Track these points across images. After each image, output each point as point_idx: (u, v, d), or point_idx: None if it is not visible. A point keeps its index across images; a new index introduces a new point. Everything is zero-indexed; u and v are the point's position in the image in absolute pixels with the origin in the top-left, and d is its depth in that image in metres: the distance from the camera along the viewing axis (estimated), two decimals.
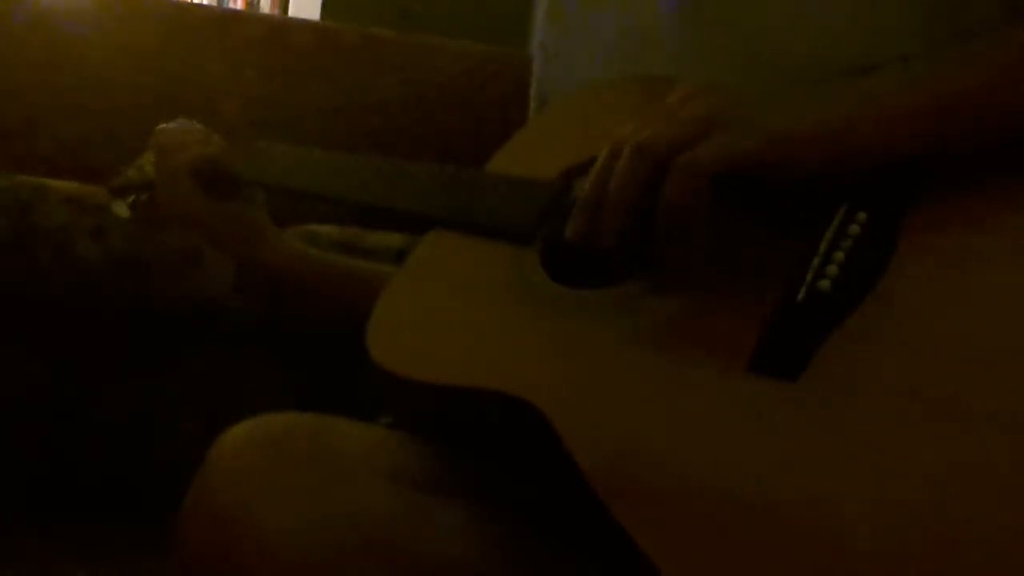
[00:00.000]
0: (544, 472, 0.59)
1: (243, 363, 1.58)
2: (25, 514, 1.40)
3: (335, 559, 0.56)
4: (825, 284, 0.57)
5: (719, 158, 0.60)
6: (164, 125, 1.01)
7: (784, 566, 0.47)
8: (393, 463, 0.63)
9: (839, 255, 0.58)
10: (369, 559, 0.56)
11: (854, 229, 0.59)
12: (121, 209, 1.04)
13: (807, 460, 0.50)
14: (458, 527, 0.60)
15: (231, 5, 2.68)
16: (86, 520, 1.42)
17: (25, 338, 1.53)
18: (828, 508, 0.48)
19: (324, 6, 2.48)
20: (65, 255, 1.49)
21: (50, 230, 1.49)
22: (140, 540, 1.04)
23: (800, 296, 0.57)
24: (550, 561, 0.61)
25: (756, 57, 0.72)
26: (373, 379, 0.67)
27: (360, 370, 0.67)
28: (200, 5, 2.45)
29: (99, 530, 1.38)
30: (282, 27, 2.12)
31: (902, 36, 0.69)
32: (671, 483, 0.52)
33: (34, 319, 1.53)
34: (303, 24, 2.21)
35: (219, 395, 1.56)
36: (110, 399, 1.55)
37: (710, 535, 0.49)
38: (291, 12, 2.60)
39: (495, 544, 0.60)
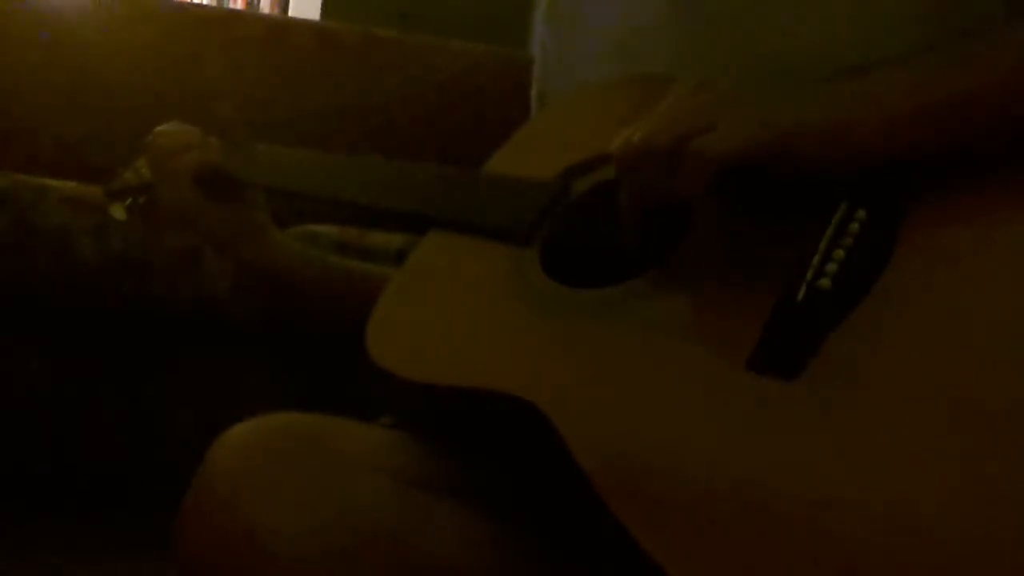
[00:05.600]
0: (544, 472, 0.59)
1: (243, 363, 1.58)
2: (25, 513, 1.40)
3: (334, 559, 0.56)
4: (825, 283, 0.57)
5: (727, 149, 0.60)
6: (160, 128, 1.01)
7: (785, 564, 0.47)
8: (393, 463, 0.63)
9: (839, 253, 0.58)
10: (369, 559, 0.56)
11: (854, 227, 0.59)
12: (118, 212, 1.04)
13: (808, 458, 0.50)
14: (458, 527, 0.60)
15: (231, 5, 2.68)
16: (85, 519, 1.42)
17: (25, 338, 1.53)
18: (829, 506, 0.48)
19: (324, 6, 2.48)
20: (65, 255, 1.49)
21: (50, 230, 1.49)
22: (139, 539, 1.04)
23: (800, 295, 0.57)
24: (550, 561, 0.61)
25: (754, 55, 0.72)
26: (373, 379, 0.67)
27: (360, 370, 0.67)
28: (200, 5, 2.45)
29: (98, 529, 1.39)
30: (282, 27, 2.12)
31: (902, 34, 0.69)
32: (672, 481, 0.52)
33: (34, 319, 1.53)
34: (303, 24, 2.21)
35: (219, 395, 1.56)
36: (110, 399, 1.55)
37: (712, 533, 0.49)
38: (291, 12, 2.60)
39: (495, 544, 0.60)
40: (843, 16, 0.71)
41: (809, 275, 0.58)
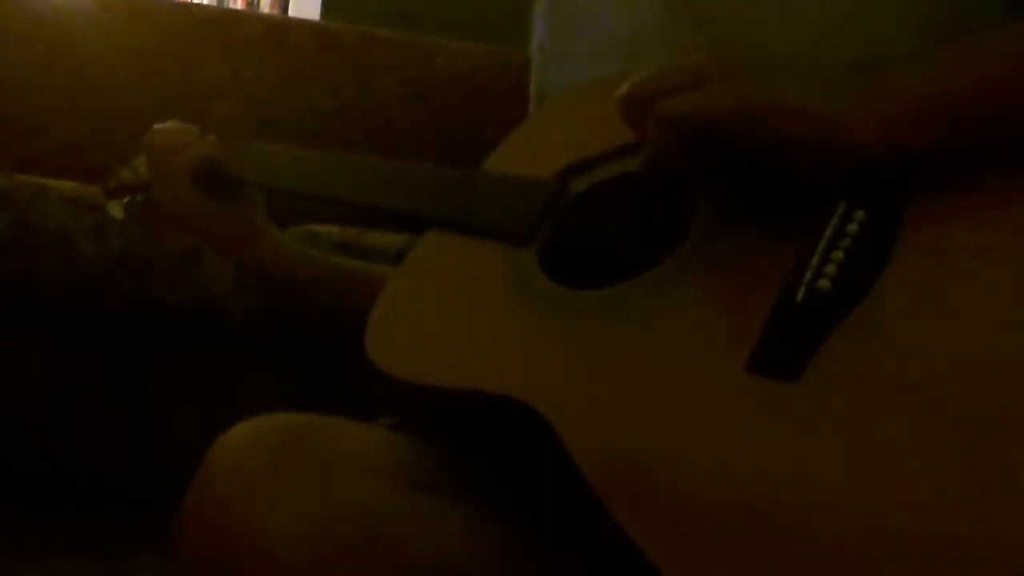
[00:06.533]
0: (544, 473, 0.59)
1: (243, 363, 1.58)
2: (25, 512, 1.40)
3: (334, 559, 0.56)
4: (824, 284, 0.57)
5: (693, 112, 0.60)
6: (158, 126, 1.01)
7: (785, 567, 0.47)
8: (393, 463, 0.63)
9: (838, 254, 0.58)
10: (368, 559, 0.56)
11: (853, 228, 0.59)
12: (116, 210, 1.04)
13: (808, 460, 0.50)
14: (458, 527, 0.60)
15: (231, 5, 2.68)
16: (85, 519, 1.42)
17: (25, 338, 1.53)
18: (829, 508, 0.48)
19: (324, 6, 2.48)
20: (65, 255, 1.49)
21: (50, 230, 1.49)
22: (140, 539, 1.04)
23: (799, 296, 0.57)
24: (550, 561, 0.61)
25: None
26: (373, 379, 0.67)
27: (360, 370, 0.67)
28: (200, 5, 2.44)
29: (98, 529, 1.39)
30: (282, 27, 2.12)
31: (900, 33, 0.69)
32: (672, 484, 0.52)
33: (34, 319, 1.53)
34: (303, 24, 2.21)
35: (219, 395, 1.56)
36: (110, 399, 1.55)
37: (711, 536, 0.49)
38: (291, 12, 2.60)
39: (494, 544, 0.60)
40: (841, 16, 0.71)
41: (808, 276, 0.58)
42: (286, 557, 0.56)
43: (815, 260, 0.58)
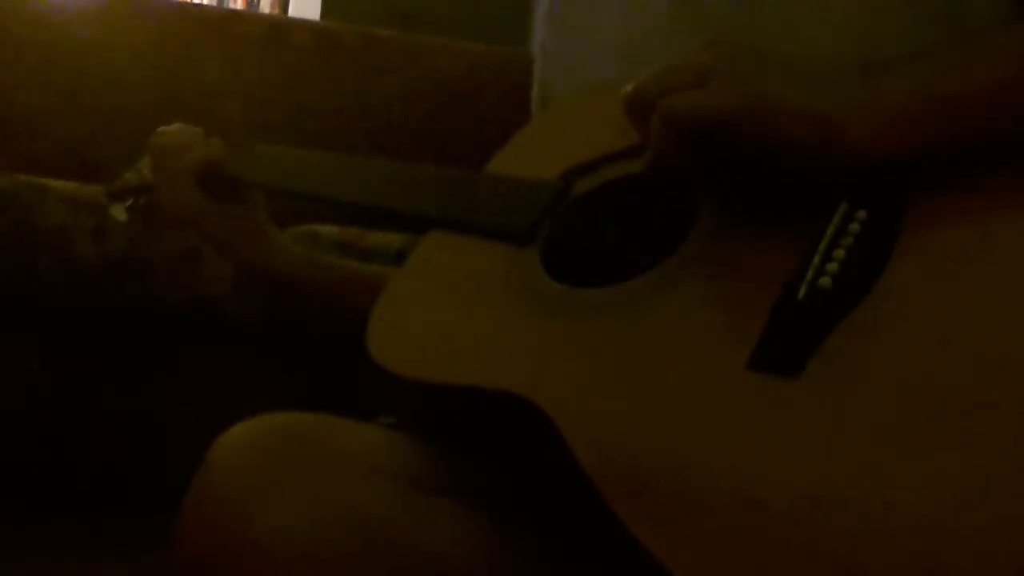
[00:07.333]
0: (544, 472, 0.59)
1: (243, 363, 1.58)
2: (25, 512, 1.40)
3: (334, 559, 0.56)
4: (826, 282, 0.57)
5: (696, 109, 0.61)
6: (162, 128, 1.01)
7: (786, 562, 0.47)
8: (393, 463, 0.63)
9: (840, 253, 0.58)
10: (368, 559, 0.56)
11: (855, 227, 0.59)
12: (119, 213, 1.04)
13: (809, 457, 0.50)
14: (458, 527, 0.60)
15: (231, 5, 2.67)
16: (85, 519, 1.42)
17: (25, 338, 1.53)
18: (830, 504, 0.48)
19: (324, 6, 2.47)
20: (65, 255, 1.49)
21: (50, 230, 1.49)
22: (139, 539, 1.04)
23: (801, 294, 0.57)
24: (550, 561, 0.61)
25: None
26: (373, 379, 0.67)
27: (360, 370, 0.67)
28: (200, 5, 2.44)
29: (98, 529, 1.39)
30: (282, 27, 2.12)
31: (904, 37, 0.69)
32: (675, 482, 0.52)
33: (34, 319, 1.53)
34: (303, 24, 2.21)
35: (219, 395, 1.56)
36: (110, 399, 1.55)
37: (713, 531, 0.49)
38: (291, 12, 2.59)
39: (494, 544, 0.60)
40: (844, 18, 0.71)
41: (810, 274, 0.58)
42: (285, 557, 0.56)
43: (817, 259, 0.58)
